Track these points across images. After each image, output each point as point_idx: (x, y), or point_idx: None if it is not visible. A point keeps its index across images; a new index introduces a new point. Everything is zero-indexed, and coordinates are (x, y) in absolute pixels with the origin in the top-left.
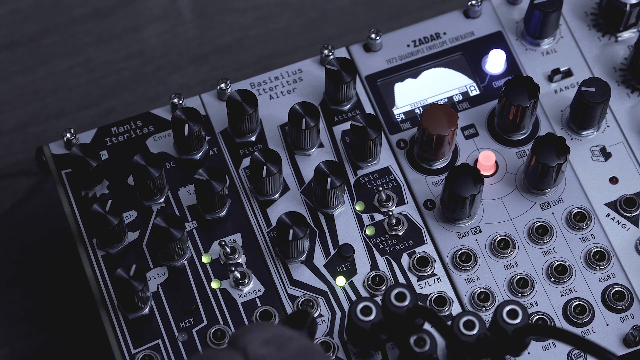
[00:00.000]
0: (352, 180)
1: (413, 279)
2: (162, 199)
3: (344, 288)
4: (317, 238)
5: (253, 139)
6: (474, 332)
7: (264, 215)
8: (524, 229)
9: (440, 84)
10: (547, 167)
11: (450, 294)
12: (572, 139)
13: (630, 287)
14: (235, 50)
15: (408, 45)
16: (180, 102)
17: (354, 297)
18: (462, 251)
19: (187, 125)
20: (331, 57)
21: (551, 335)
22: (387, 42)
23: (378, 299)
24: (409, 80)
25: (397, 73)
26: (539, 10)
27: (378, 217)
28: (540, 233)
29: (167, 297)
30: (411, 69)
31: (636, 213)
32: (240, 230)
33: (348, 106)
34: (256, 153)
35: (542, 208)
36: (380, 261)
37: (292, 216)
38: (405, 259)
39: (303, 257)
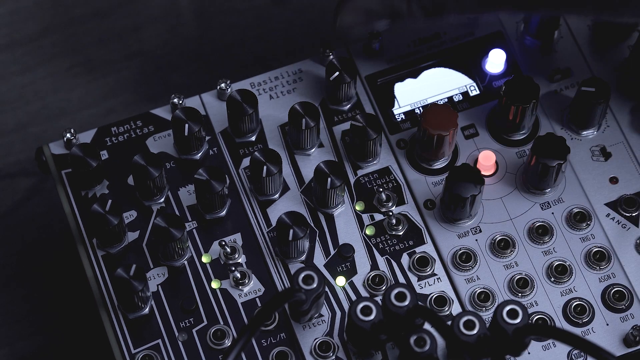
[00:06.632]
0: (352, 180)
1: (413, 279)
2: (162, 199)
3: (344, 288)
4: (317, 238)
5: (253, 139)
6: (474, 332)
7: (264, 215)
8: (524, 229)
9: (440, 84)
10: (547, 167)
11: (450, 294)
12: (572, 139)
13: (630, 287)
14: (235, 50)
15: (408, 45)
16: (180, 102)
17: (354, 297)
18: (462, 251)
19: (187, 125)
20: (331, 57)
21: (551, 335)
22: (387, 42)
23: (378, 299)
24: (409, 80)
25: (397, 73)
26: None
27: (378, 217)
28: (540, 233)
29: (167, 297)
30: (411, 69)
31: (636, 213)
32: (240, 230)
33: (348, 106)
34: (256, 153)
35: (542, 208)
36: (380, 261)
37: (292, 216)
38: (405, 259)
39: (303, 257)
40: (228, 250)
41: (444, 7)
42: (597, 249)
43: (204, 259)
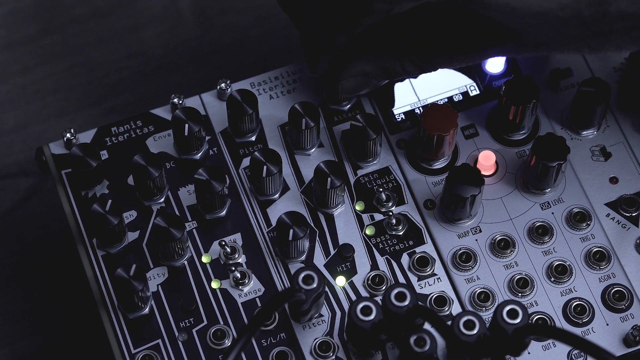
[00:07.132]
0: (352, 180)
1: (413, 279)
2: (162, 199)
3: (344, 288)
4: (317, 238)
5: (253, 139)
6: (474, 332)
7: (264, 215)
8: (524, 228)
9: (440, 84)
10: (547, 167)
11: (450, 294)
12: (572, 139)
13: (630, 287)
14: (235, 50)
15: None
16: (180, 102)
17: (354, 297)
18: (462, 251)
19: (187, 125)
20: None
21: (551, 335)
22: None
23: (378, 299)
24: (409, 80)
25: None
26: None
27: (378, 217)
28: (540, 233)
29: (167, 297)
30: None
31: (636, 213)
32: (240, 230)
33: (348, 106)
34: (256, 153)
35: (542, 208)
36: (380, 261)
37: (292, 216)
38: (405, 259)
39: (303, 257)
40: (228, 250)
41: (435, 63)
42: (597, 249)
43: (204, 259)
